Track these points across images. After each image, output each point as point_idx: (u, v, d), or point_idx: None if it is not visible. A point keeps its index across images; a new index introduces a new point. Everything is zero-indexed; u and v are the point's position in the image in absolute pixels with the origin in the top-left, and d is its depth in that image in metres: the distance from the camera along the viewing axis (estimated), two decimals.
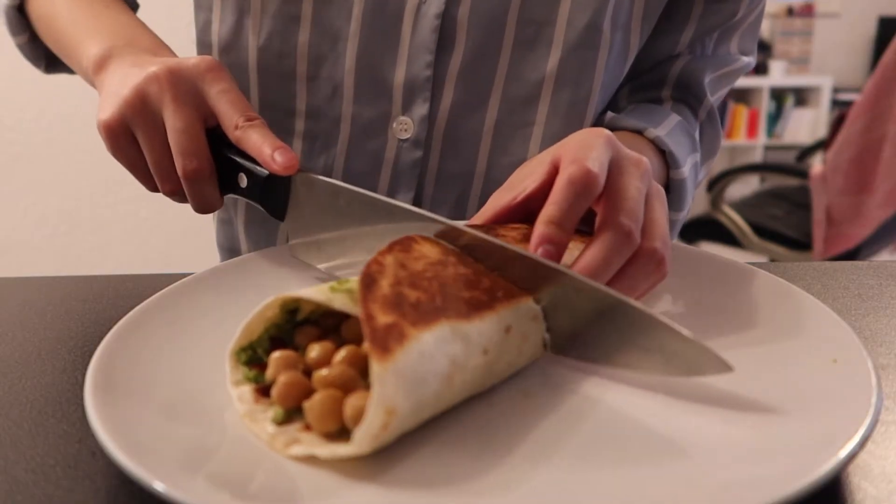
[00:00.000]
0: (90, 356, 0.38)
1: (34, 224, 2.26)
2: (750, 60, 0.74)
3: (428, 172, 0.66)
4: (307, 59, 0.64)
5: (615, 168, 0.44)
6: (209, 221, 0.80)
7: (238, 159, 0.52)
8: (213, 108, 0.53)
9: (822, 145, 2.38)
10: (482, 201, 0.66)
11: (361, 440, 0.31)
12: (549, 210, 0.41)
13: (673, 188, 0.65)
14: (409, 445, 0.34)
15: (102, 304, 0.56)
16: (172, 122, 0.51)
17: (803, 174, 2.22)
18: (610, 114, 0.66)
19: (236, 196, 0.53)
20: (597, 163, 0.42)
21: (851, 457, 0.30)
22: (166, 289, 0.46)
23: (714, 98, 0.73)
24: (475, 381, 0.36)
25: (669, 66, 0.71)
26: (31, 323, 0.52)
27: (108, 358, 0.38)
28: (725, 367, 0.35)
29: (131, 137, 0.54)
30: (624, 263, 0.42)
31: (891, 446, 0.36)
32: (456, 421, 0.36)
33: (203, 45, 0.69)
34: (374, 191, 0.64)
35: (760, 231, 2.34)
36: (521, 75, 0.63)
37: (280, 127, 0.67)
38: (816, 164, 2.23)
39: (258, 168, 0.51)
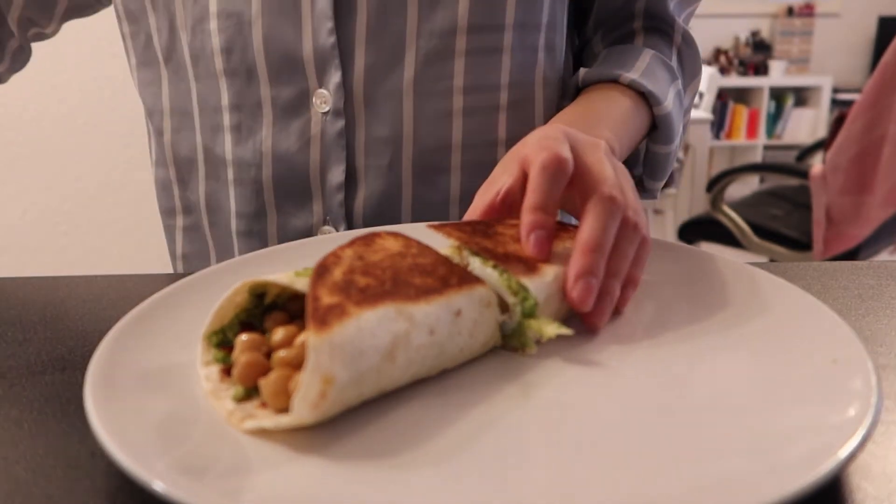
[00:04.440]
0: (90, 356, 0.38)
1: (34, 224, 2.26)
2: None
3: (356, 142, 0.66)
4: (220, 51, 0.65)
5: (578, 151, 0.47)
6: None
7: None
8: None
9: (822, 145, 2.39)
10: (416, 165, 0.67)
11: (300, 407, 0.33)
12: (531, 198, 0.44)
13: (659, 124, 0.68)
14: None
15: (102, 304, 0.56)
16: None
17: (803, 174, 2.22)
18: (582, 70, 0.68)
19: None
20: (564, 147, 0.45)
21: (851, 457, 0.30)
22: (166, 289, 0.46)
23: (682, 19, 0.75)
24: (424, 361, 0.38)
25: (633, 3, 0.73)
26: (31, 323, 0.52)
27: (108, 358, 0.38)
28: None
29: None
30: None
31: (891, 446, 0.36)
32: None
33: (147, 64, 0.72)
34: (307, 168, 0.67)
35: (760, 231, 2.34)
36: (431, 29, 0.64)
37: (213, 124, 0.69)
38: (816, 164, 2.23)
39: None
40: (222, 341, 0.39)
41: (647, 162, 0.72)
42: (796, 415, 0.35)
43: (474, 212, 0.49)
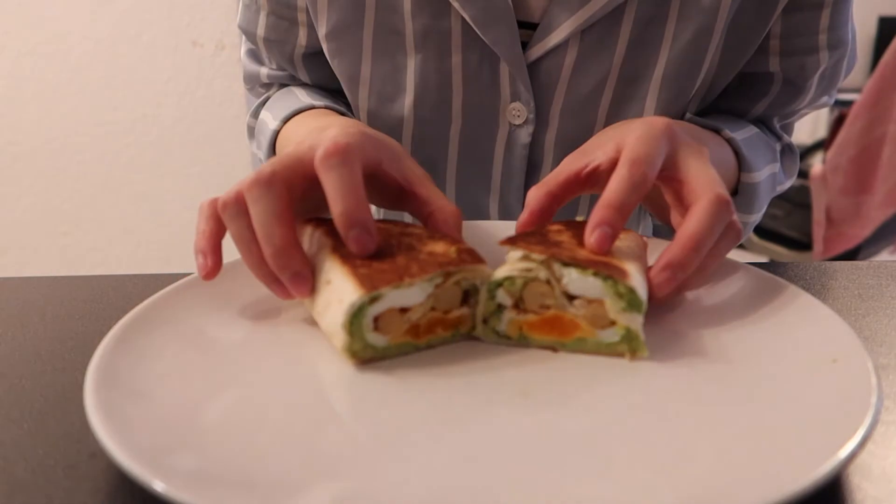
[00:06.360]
0: (90, 356, 0.38)
1: (34, 224, 2.26)
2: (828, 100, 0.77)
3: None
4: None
5: (684, 154, 0.46)
6: None
7: None
8: None
9: (822, 145, 2.38)
10: None
11: None
12: (609, 196, 0.44)
13: (743, 191, 0.66)
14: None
15: (102, 304, 0.56)
16: None
17: (803, 174, 2.22)
18: (687, 115, 0.67)
19: None
20: (654, 156, 0.45)
21: (851, 457, 0.30)
22: (166, 289, 0.46)
23: (785, 132, 0.76)
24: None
25: (744, 114, 0.73)
26: (31, 323, 0.52)
27: (108, 358, 0.38)
28: None
29: None
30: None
31: (891, 446, 0.36)
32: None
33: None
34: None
35: (760, 231, 2.34)
36: None
37: None
38: (816, 164, 2.23)
39: None
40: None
41: None
42: (796, 415, 0.35)
43: (558, 176, 0.49)
